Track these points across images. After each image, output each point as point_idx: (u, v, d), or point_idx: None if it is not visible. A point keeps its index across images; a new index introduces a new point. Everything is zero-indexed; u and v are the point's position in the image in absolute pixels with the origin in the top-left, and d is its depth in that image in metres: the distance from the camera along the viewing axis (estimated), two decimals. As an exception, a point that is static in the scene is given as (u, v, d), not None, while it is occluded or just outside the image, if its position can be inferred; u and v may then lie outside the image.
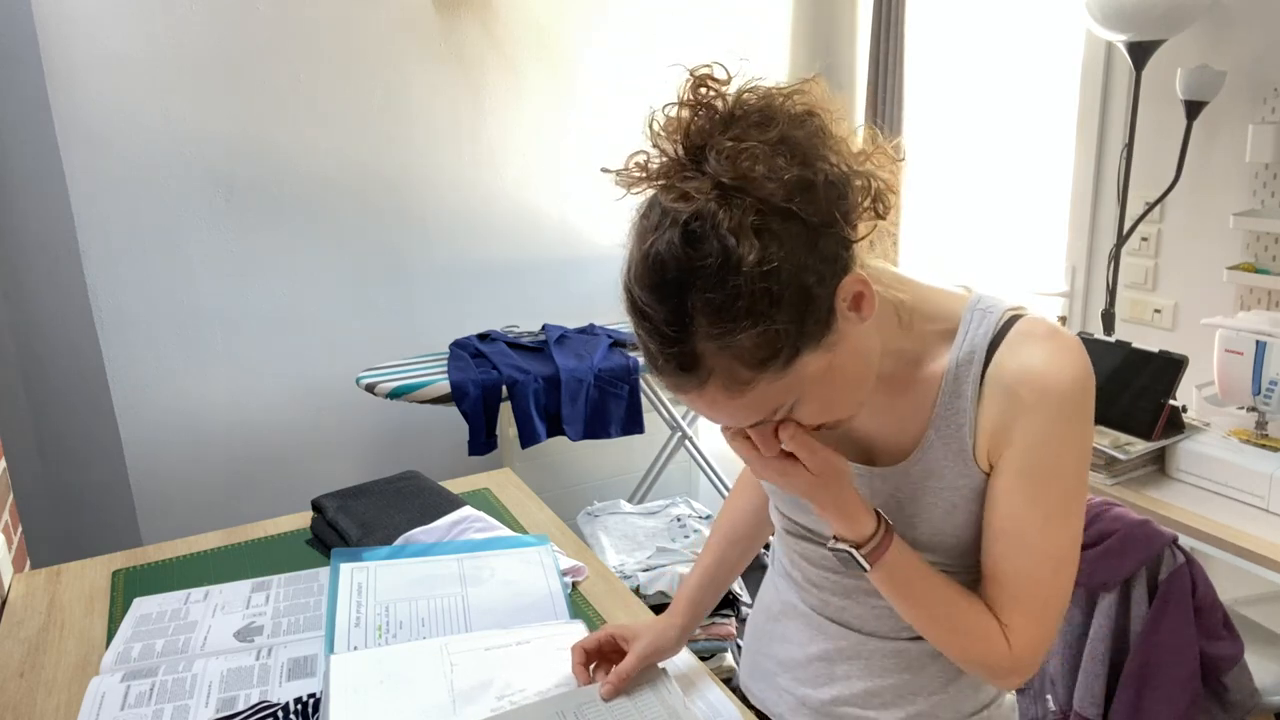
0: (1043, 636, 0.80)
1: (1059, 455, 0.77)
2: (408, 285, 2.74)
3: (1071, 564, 0.80)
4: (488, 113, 2.73)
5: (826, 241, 0.68)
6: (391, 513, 1.50)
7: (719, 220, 0.65)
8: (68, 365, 2.38)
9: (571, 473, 2.91)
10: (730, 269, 0.65)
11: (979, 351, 0.79)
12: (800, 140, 0.68)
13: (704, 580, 1.11)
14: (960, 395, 0.80)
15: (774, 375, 0.69)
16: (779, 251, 0.66)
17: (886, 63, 2.87)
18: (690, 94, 0.70)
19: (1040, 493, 0.77)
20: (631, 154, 0.71)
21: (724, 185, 0.66)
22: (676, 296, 0.67)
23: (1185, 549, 1.45)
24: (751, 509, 1.10)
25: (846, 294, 0.70)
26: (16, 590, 1.37)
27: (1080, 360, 0.77)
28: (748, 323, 0.66)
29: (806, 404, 0.74)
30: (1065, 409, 0.76)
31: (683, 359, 0.69)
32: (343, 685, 1.03)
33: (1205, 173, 2.16)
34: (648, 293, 0.68)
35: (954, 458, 0.80)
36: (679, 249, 0.66)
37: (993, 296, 0.83)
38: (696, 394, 0.71)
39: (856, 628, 0.92)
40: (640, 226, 0.70)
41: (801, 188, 0.67)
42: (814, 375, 0.71)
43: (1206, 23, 2.09)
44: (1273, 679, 1.65)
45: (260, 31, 2.41)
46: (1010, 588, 0.80)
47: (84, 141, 2.27)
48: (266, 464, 2.64)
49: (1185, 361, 1.82)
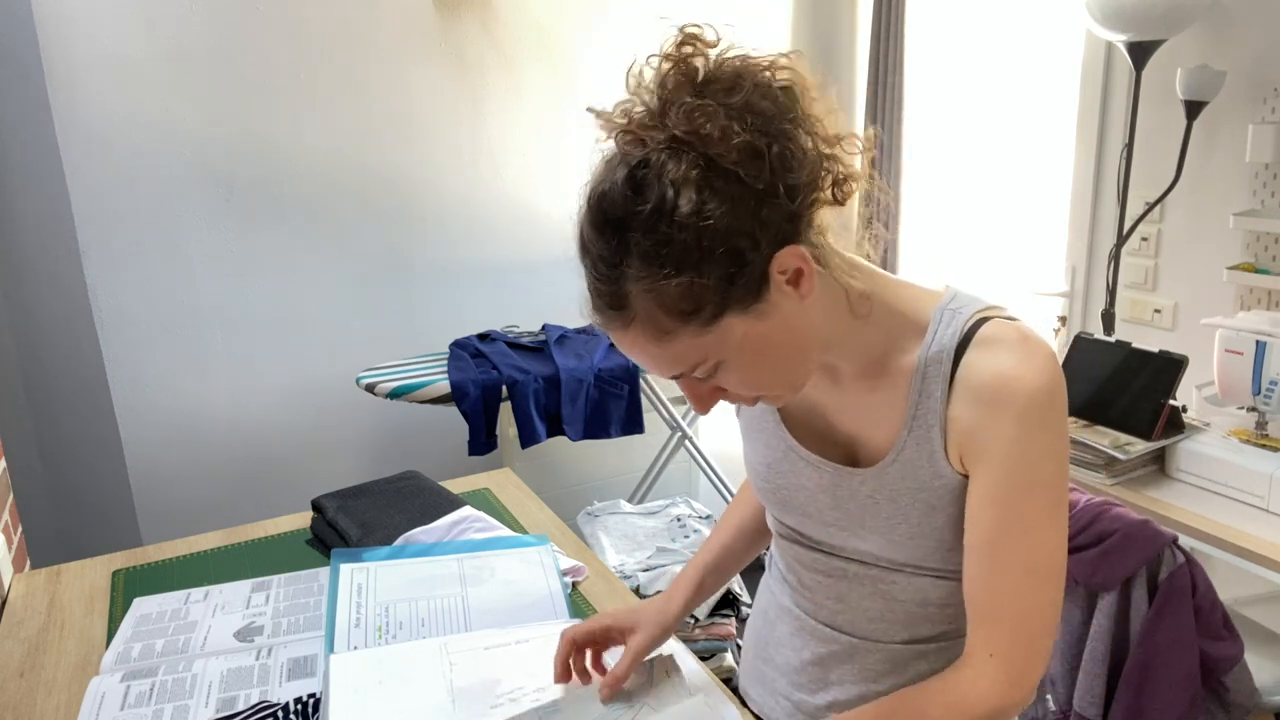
0: (1031, 656, 0.78)
1: (1034, 464, 0.75)
2: (408, 285, 2.74)
3: (1058, 575, 0.78)
4: (488, 113, 2.73)
5: (769, 211, 0.70)
6: (391, 513, 1.50)
7: (665, 169, 0.68)
8: (68, 365, 2.38)
9: (571, 473, 2.91)
10: (664, 216, 0.68)
11: (947, 351, 0.79)
12: (763, 109, 0.70)
13: (710, 565, 1.09)
14: (930, 395, 0.79)
15: (696, 330, 0.71)
16: (716, 209, 0.68)
17: (886, 63, 2.87)
18: (674, 49, 0.72)
19: (1019, 503, 0.76)
20: (619, 101, 0.73)
21: (677, 138, 0.69)
22: (614, 236, 0.70)
23: (1185, 549, 1.44)
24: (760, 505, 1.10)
25: (784, 266, 0.72)
26: (16, 590, 1.37)
27: (1049, 366, 0.75)
28: (673, 271, 0.69)
29: (732, 370, 0.75)
30: (1035, 416, 0.74)
31: (612, 298, 0.72)
32: (343, 685, 1.03)
33: (1205, 173, 2.16)
34: (591, 229, 0.73)
35: (927, 458, 0.80)
36: (621, 191, 0.70)
37: (968, 296, 0.82)
38: (621, 333, 0.75)
39: (850, 632, 0.92)
40: (599, 169, 0.74)
41: (751, 154, 0.68)
42: (739, 340, 0.73)
43: (1206, 23, 2.09)
44: (1273, 679, 1.65)
45: (260, 31, 2.41)
46: (994, 609, 0.78)
47: (84, 141, 2.27)
48: (266, 464, 2.64)
49: (1185, 361, 1.82)
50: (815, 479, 0.88)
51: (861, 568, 0.89)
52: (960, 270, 2.98)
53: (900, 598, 0.88)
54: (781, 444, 0.90)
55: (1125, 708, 1.46)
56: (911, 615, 0.89)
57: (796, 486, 0.90)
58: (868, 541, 0.86)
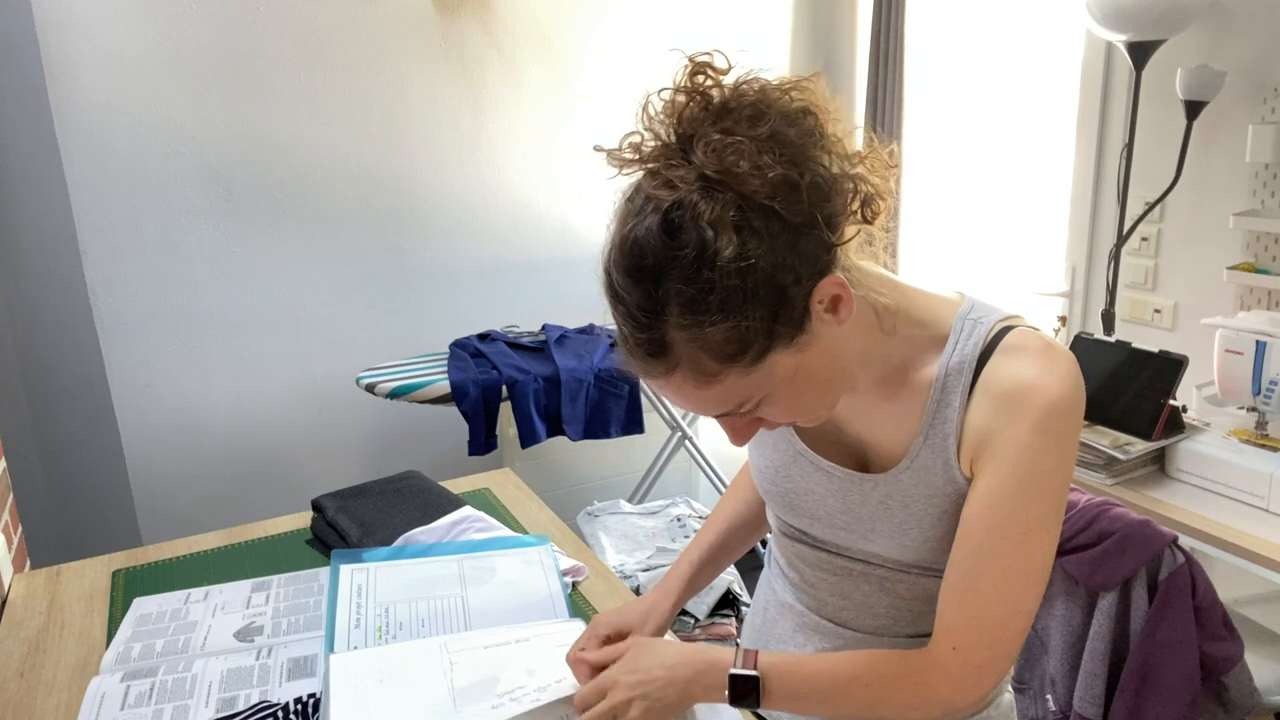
0: (992, 659, 0.77)
1: (1043, 471, 0.75)
2: (408, 285, 2.74)
3: (1039, 585, 0.77)
4: (488, 113, 2.73)
5: (806, 242, 0.68)
6: (391, 513, 1.49)
7: (700, 212, 0.66)
8: (68, 365, 2.38)
9: (571, 473, 2.91)
10: (706, 262, 0.65)
11: (969, 362, 0.78)
12: (791, 138, 0.68)
13: (704, 558, 1.08)
14: (948, 405, 0.79)
15: (742, 370, 0.69)
16: (756, 248, 0.66)
17: (886, 63, 2.87)
18: (687, 80, 0.70)
19: (1021, 508, 0.76)
20: (626, 134, 0.71)
21: (708, 177, 0.66)
22: (651, 283, 0.67)
23: (1185, 549, 1.44)
24: (756, 499, 1.09)
25: (823, 296, 0.70)
26: (16, 590, 1.37)
27: (1073, 376, 0.75)
28: (719, 316, 0.66)
29: (775, 402, 0.74)
30: (1052, 424, 0.74)
31: (652, 345, 0.69)
32: (343, 685, 1.03)
33: (1205, 173, 2.16)
34: (624, 276, 0.69)
35: (942, 465, 0.80)
36: (658, 237, 0.67)
37: (986, 305, 0.82)
38: (664, 380, 0.72)
39: (855, 627, 0.92)
40: (624, 210, 0.71)
41: (785, 187, 0.66)
42: (783, 374, 0.71)
43: (1206, 23, 2.09)
44: (1273, 679, 1.65)
45: (260, 31, 2.41)
46: (971, 603, 0.77)
47: (84, 141, 2.27)
48: (266, 464, 2.64)
49: (1185, 361, 1.82)
50: (825, 483, 0.87)
51: (868, 567, 0.89)
52: (960, 270, 2.98)
53: (906, 595, 0.88)
54: (790, 448, 0.90)
55: (1125, 708, 1.46)
56: (917, 612, 0.89)
57: (805, 490, 0.89)
58: (877, 545, 0.86)
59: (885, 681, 0.80)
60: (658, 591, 1.05)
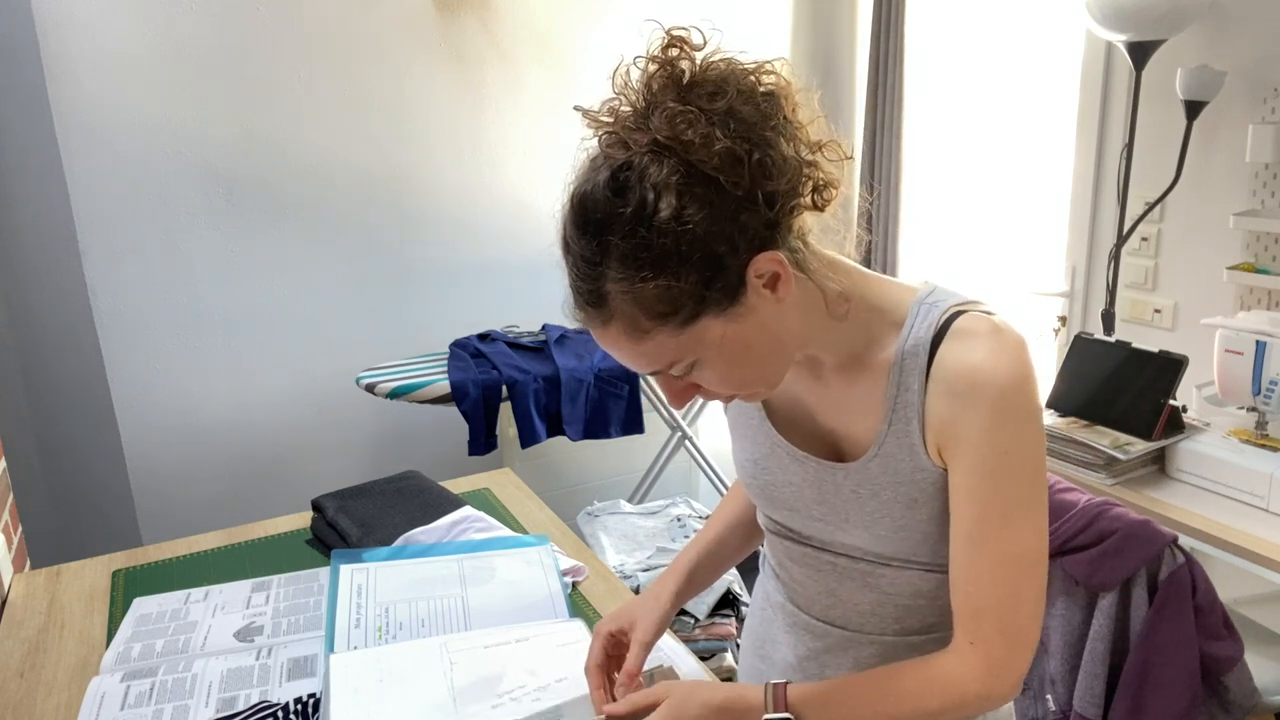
0: (1013, 646, 0.78)
1: (1007, 453, 0.76)
2: (408, 285, 2.74)
3: (1038, 565, 0.78)
4: (488, 113, 2.73)
5: (748, 216, 0.71)
6: (391, 513, 1.50)
7: (646, 174, 0.70)
8: (68, 365, 2.38)
9: (571, 473, 2.91)
10: (644, 220, 0.69)
11: (923, 344, 0.80)
12: (745, 116, 0.71)
13: (704, 555, 1.08)
14: (908, 389, 0.80)
15: (672, 330, 0.73)
16: (695, 214, 0.69)
17: (886, 63, 2.87)
18: (660, 51, 0.74)
19: (994, 493, 0.77)
20: (606, 99, 0.75)
21: (659, 143, 0.70)
22: (594, 236, 0.72)
23: (1185, 549, 1.45)
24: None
25: (761, 271, 0.73)
26: (16, 590, 1.37)
27: (1019, 357, 0.77)
28: (650, 274, 0.70)
29: (708, 368, 0.77)
30: (1007, 406, 0.76)
31: (591, 296, 0.73)
32: (343, 685, 1.03)
33: (1205, 173, 2.16)
34: (573, 228, 0.74)
35: (908, 452, 0.81)
36: (603, 193, 0.71)
37: (947, 290, 0.83)
38: (600, 330, 0.76)
39: (843, 625, 0.92)
40: (584, 167, 0.75)
41: (731, 160, 0.69)
42: (714, 341, 0.74)
43: (1206, 23, 2.09)
44: (1273, 679, 1.65)
45: (260, 31, 2.41)
46: (975, 599, 0.79)
47: (84, 141, 2.27)
48: (266, 464, 2.64)
49: (1185, 361, 1.82)
50: (800, 474, 0.88)
51: (850, 562, 0.89)
52: (960, 270, 2.98)
53: (890, 591, 0.88)
54: (767, 439, 0.91)
55: (1125, 708, 1.46)
56: (903, 608, 0.89)
57: (783, 482, 0.90)
58: (853, 536, 0.87)
59: (915, 695, 0.80)
60: (655, 587, 1.05)
